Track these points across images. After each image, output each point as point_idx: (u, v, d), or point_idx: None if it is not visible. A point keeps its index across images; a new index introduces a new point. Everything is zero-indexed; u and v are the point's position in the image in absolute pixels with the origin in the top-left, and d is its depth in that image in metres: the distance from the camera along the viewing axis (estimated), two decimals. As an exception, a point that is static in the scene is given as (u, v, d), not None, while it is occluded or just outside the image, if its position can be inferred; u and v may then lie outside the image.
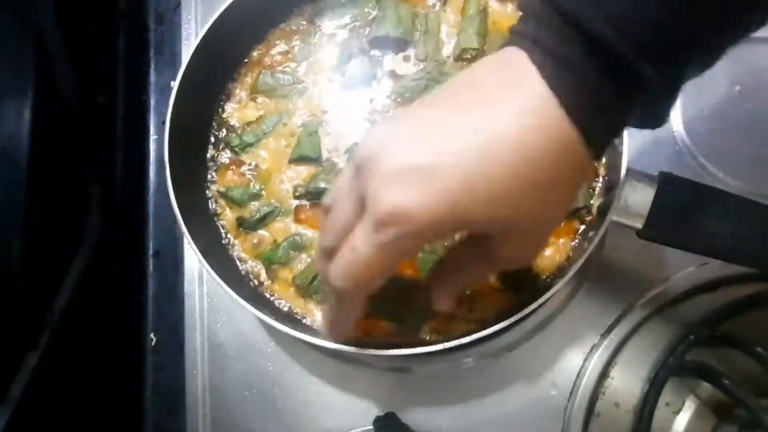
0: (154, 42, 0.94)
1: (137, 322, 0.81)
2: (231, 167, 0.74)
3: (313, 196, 0.70)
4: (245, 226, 0.71)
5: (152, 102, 0.91)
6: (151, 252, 0.84)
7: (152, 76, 0.92)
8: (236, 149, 0.74)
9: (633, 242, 0.76)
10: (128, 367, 0.80)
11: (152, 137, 0.89)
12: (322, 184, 0.69)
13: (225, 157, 0.74)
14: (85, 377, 0.76)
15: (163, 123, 0.68)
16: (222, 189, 0.72)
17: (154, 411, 0.78)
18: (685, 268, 0.74)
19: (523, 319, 0.60)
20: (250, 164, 0.73)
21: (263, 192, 0.72)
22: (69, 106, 0.82)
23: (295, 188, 0.71)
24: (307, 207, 0.71)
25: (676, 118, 0.80)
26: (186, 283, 0.81)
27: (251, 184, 0.73)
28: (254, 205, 0.72)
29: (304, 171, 0.72)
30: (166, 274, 0.83)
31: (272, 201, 0.72)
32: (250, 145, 0.73)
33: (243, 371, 0.77)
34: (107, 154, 0.88)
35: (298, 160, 0.72)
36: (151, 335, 0.81)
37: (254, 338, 0.78)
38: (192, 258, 0.82)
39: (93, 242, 0.81)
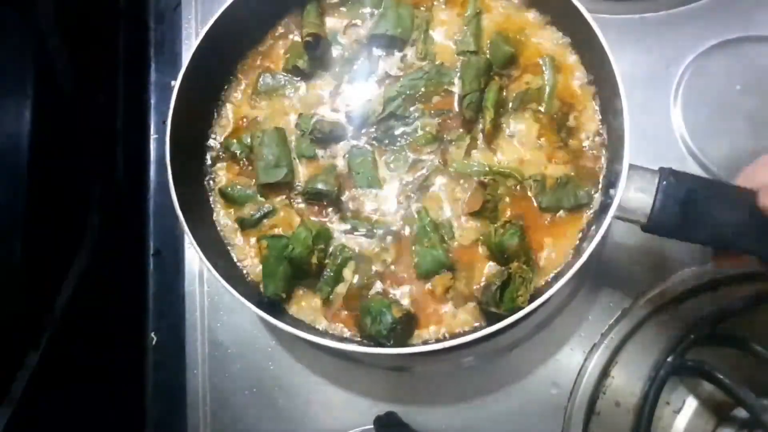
0: (155, 41, 0.94)
1: (138, 321, 0.82)
2: (231, 167, 0.74)
3: (311, 195, 0.70)
4: (245, 225, 0.71)
5: (152, 101, 0.91)
6: (151, 251, 0.84)
7: (152, 76, 0.92)
8: (235, 150, 0.73)
9: (633, 243, 0.76)
10: (129, 366, 0.80)
11: (152, 137, 0.89)
12: (320, 185, 0.69)
13: (225, 157, 0.74)
14: (86, 376, 0.76)
15: (164, 122, 0.67)
16: (222, 188, 0.72)
17: (155, 409, 0.79)
18: (685, 268, 0.74)
19: (525, 317, 0.60)
20: (249, 164, 0.73)
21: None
22: (69, 105, 0.82)
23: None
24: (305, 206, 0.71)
25: (676, 117, 0.80)
26: (186, 283, 0.81)
27: (251, 183, 0.72)
28: (253, 204, 0.72)
29: (303, 170, 0.72)
30: (167, 273, 0.83)
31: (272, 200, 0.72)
32: (249, 146, 0.73)
33: (243, 370, 0.78)
34: (107, 153, 0.88)
35: (299, 158, 0.72)
36: (152, 334, 0.81)
37: (255, 337, 0.78)
38: (192, 257, 0.82)
39: (93, 242, 0.81)
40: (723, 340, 0.69)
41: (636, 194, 0.60)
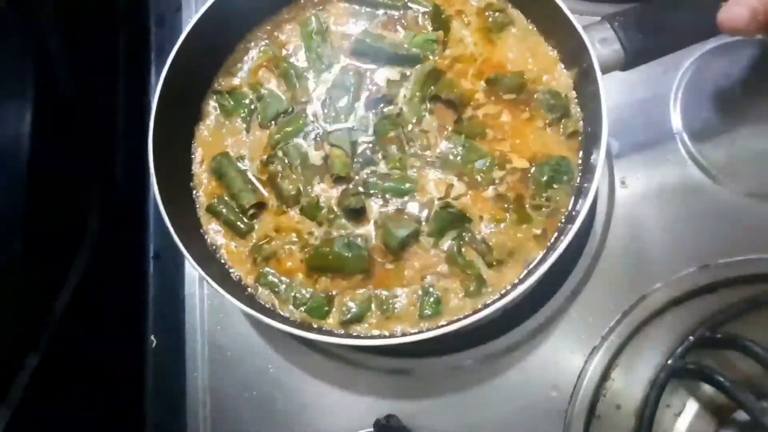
0: (155, 44, 0.93)
1: (137, 324, 0.81)
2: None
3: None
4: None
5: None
6: (151, 254, 0.84)
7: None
8: None
9: (632, 245, 0.76)
10: (129, 369, 0.80)
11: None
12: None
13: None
14: (86, 378, 0.76)
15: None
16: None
17: (155, 412, 0.78)
18: (684, 270, 0.74)
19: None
20: None
21: None
22: (69, 106, 0.82)
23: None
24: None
25: (676, 118, 0.81)
26: (186, 286, 0.81)
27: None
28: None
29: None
30: (167, 276, 0.82)
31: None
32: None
33: (243, 373, 0.77)
34: (107, 154, 0.88)
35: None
36: (152, 337, 0.80)
37: (254, 341, 0.78)
38: (192, 259, 0.82)
39: (93, 243, 0.81)
40: (723, 342, 0.69)
41: (603, 47, 0.66)
